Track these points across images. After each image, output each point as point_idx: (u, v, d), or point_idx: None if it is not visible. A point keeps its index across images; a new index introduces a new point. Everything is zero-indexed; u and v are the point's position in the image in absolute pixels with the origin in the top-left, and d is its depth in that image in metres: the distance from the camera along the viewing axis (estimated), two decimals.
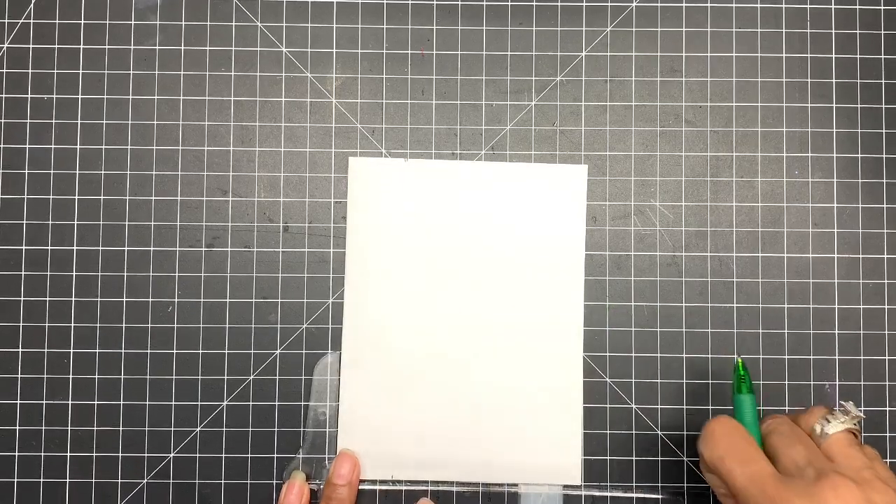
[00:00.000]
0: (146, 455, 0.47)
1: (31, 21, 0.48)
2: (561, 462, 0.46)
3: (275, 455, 0.47)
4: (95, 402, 0.47)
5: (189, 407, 0.47)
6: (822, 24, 0.48)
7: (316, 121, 0.48)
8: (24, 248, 0.47)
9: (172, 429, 0.47)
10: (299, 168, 0.48)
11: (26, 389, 0.47)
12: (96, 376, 0.47)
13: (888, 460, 0.47)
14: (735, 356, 0.46)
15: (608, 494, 0.46)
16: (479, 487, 0.47)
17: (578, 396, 0.46)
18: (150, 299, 0.47)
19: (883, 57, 0.48)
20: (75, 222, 0.47)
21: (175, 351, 0.47)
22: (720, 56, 0.48)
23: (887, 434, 0.47)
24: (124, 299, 0.47)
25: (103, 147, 0.48)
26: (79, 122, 0.48)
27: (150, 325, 0.47)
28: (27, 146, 0.48)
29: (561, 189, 0.47)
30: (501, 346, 0.46)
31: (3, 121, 0.48)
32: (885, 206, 0.48)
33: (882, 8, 0.48)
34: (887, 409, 0.47)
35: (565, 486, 0.46)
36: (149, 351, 0.47)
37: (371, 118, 0.48)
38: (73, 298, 0.47)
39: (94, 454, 0.47)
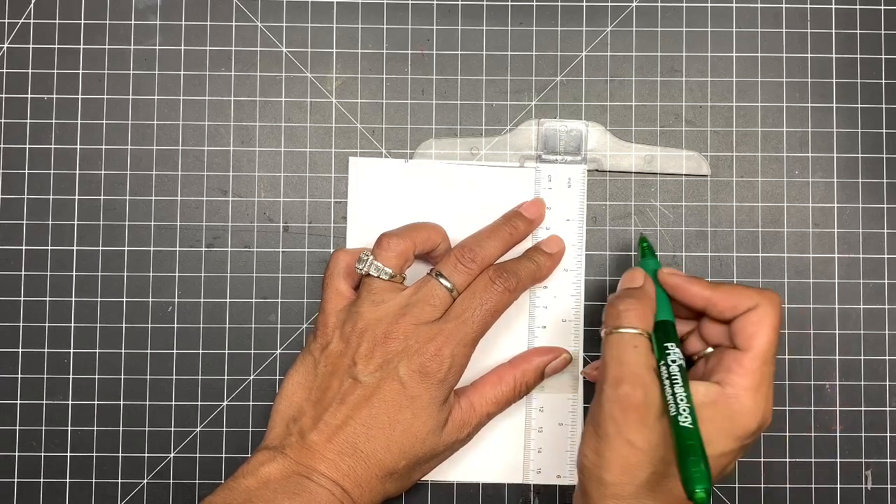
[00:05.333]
0: (146, 455, 0.47)
1: (31, 21, 0.48)
2: (561, 462, 0.46)
3: None
4: (95, 402, 0.47)
5: (189, 407, 0.47)
6: (823, 24, 0.48)
7: (316, 121, 0.48)
8: (24, 248, 0.47)
9: (172, 429, 0.47)
10: (299, 168, 0.48)
11: (26, 389, 0.47)
12: (96, 376, 0.47)
13: (888, 460, 0.47)
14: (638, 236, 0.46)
15: None
16: (479, 487, 0.47)
17: (579, 396, 0.46)
18: (150, 299, 0.47)
19: (883, 57, 0.48)
20: (75, 222, 0.47)
21: (175, 351, 0.47)
22: (720, 56, 0.48)
23: (888, 434, 0.47)
24: (124, 299, 0.47)
25: (103, 147, 0.48)
26: (79, 122, 0.48)
27: (150, 325, 0.47)
28: (27, 146, 0.47)
29: (563, 189, 0.47)
30: (503, 346, 0.46)
31: (3, 121, 0.48)
32: (885, 206, 0.48)
33: (882, 8, 0.48)
34: (887, 409, 0.47)
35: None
36: (149, 351, 0.47)
37: (371, 118, 0.48)
38: (73, 298, 0.47)
39: (94, 454, 0.47)
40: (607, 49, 0.48)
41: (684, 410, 0.36)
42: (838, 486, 0.46)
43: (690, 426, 0.36)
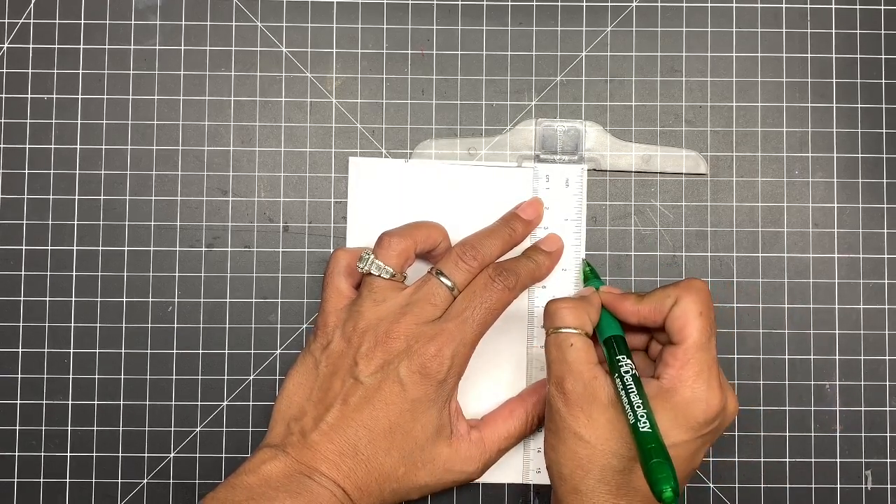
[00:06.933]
0: (146, 455, 0.47)
1: (31, 21, 0.48)
2: None
3: None
4: (95, 402, 0.47)
5: (189, 407, 0.47)
6: (823, 24, 0.48)
7: (316, 121, 0.48)
8: (24, 248, 0.47)
9: (172, 429, 0.47)
10: (299, 168, 0.48)
11: (26, 389, 0.47)
12: (96, 376, 0.47)
13: (888, 460, 0.47)
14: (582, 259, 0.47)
15: None
16: (479, 487, 0.47)
17: None
18: (150, 299, 0.47)
19: (883, 57, 0.48)
20: (75, 222, 0.47)
21: (175, 351, 0.47)
22: (720, 56, 0.48)
23: (888, 434, 0.47)
24: (124, 299, 0.47)
25: (103, 147, 0.48)
26: (79, 122, 0.48)
27: (150, 325, 0.47)
28: (27, 146, 0.48)
29: (560, 188, 0.47)
30: (501, 346, 0.46)
31: (3, 121, 0.48)
32: (885, 206, 0.47)
33: (882, 8, 0.48)
34: (887, 409, 0.47)
35: None
36: (149, 351, 0.47)
37: (371, 118, 0.48)
38: (73, 298, 0.47)
39: (94, 454, 0.47)
40: (607, 49, 0.48)
41: (642, 416, 0.37)
42: (838, 486, 0.46)
43: (649, 430, 0.37)
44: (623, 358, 0.40)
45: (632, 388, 0.38)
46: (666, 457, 0.36)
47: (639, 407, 0.38)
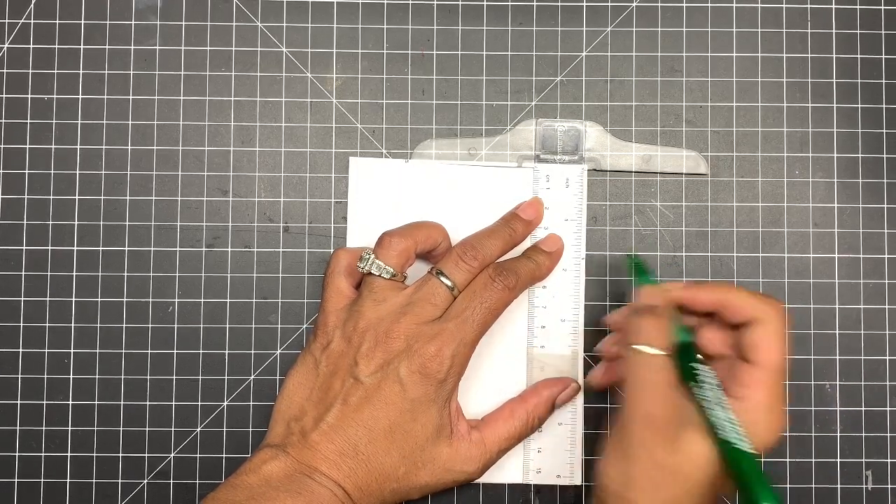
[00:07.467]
0: (146, 455, 0.47)
1: (31, 21, 0.48)
2: (561, 461, 0.46)
3: None
4: (95, 402, 0.47)
5: (189, 407, 0.47)
6: (823, 24, 0.48)
7: (316, 121, 0.48)
8: (24, 248, 0.47)
9: (173, 429, 0.47)
10: (299, 168, 0.48)
11: (26, 389, 0.47)
12: (96, 376, 0.47)
13: (888, 460, 0.47)
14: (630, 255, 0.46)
15: None
16: (480, 487, 0.47)
17: (578, 397, 0.46)
18: (151, 299, 0.47)
19: (883, 57, 0.48)
20: (75, 222, 0.47)
21: (175, 351, 0.47)
22: (720, 56, 0.48)
23: (888, 434, 0.47)
24: (124, 299, 0.47)
25: (103, 147, 0.48)
26: (79, 122, 0.48)
27: (150, 325, 0.47)
28: (27, 146, 0.48)
29: (560, 188, 0.47)
30: (501, 347, 0.46)
31: (3, 121, 0.48)
32: (885, 206, 0.48)
33: (882, 8, 0.48)
34: (888, 409, 0.47)
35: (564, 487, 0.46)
36: (149, 351, 0.47)
37: (371, 118, 0.48)
38: (74, 298, 0.47)
39: (95, 454, 0.47)
40: (607, 49, 0.48)
41: (736, 434, 0.36)
42: (838, 486, 0.46)
43: (753, 450, 0.36)
44: (701, 367, 0.39)
45: (719, 400, 0.37)
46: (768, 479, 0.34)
47: (733, 423, 0.36)
